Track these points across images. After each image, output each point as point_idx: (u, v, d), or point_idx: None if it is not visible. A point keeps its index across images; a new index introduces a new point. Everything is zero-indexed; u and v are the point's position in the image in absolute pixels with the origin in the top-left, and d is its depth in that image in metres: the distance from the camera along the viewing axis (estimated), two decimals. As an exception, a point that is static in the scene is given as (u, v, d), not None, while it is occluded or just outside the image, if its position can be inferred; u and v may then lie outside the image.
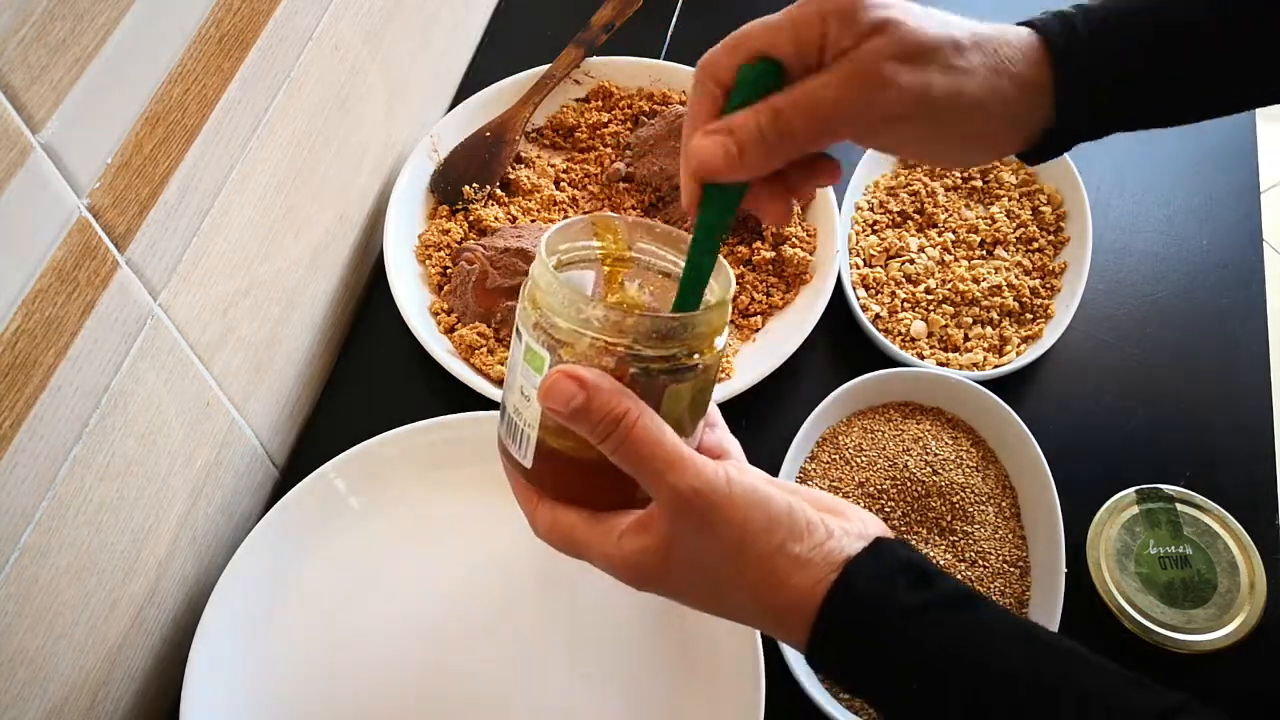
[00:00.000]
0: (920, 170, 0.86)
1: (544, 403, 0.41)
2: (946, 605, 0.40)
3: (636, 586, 0.43)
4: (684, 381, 0.42)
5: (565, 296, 0.41)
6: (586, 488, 0.45)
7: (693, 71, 0.45)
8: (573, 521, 0.44)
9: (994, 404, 0.71)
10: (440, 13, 0.87)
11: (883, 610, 0.40)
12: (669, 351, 0.41)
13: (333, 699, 0.64)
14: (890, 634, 0.40)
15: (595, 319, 0.41)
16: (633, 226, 0.47)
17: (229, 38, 0.57)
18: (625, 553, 0.42)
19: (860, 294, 0.80)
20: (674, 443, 0.41)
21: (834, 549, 0.41)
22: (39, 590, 0.51)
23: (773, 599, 0.41)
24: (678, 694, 0.64)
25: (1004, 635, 0.40)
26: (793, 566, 0.40)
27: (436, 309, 0.78)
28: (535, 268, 0.43)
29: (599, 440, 0.40)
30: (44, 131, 0.45)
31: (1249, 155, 0.90)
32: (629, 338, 0.41)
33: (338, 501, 0.69)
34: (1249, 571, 0.66)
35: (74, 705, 0.56)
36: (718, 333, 0.43)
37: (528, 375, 0.43)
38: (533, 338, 0.43)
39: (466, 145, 0.85)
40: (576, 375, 0.40)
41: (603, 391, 0.40)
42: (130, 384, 0.55)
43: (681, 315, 0.42)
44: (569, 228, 0.46)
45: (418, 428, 0.70)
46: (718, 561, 0.41)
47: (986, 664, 0.39)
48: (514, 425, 0.45)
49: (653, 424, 0.40)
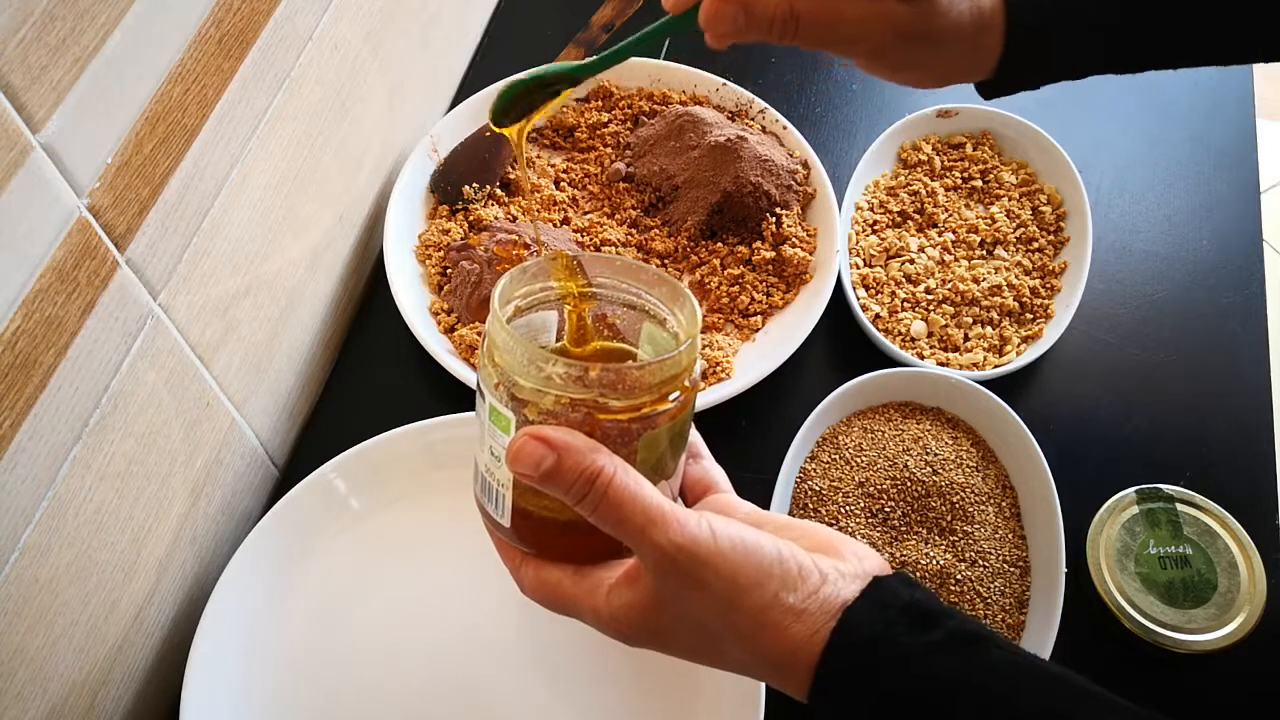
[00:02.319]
0: (920, 170, 0.86)
1: (513, 468, 0.39)
2: (950, 647, 0.39)
3: (627, 643, 0.42)
4: (659, 427, 0.41)
5: (523, 354, 0.39)
6: (569, 543, 0.43)
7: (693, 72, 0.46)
8: (558, 579, 0.43)
9: (994, 404, 0.71)
10: (440, 13, 0.87)
11: (883, 657, 0.38)
12: (638, 400, 0.40)
13: (332, 699, 0.64)
14: (892, 682, 0.38)
15: (557, 376, 0.39)
16: (590, 262, 0.45)
17: (229, 38, 0.57)
18: (613, 608, 0.41)
19: (860, 294, 0.80)
20: (653, 498, 0.39)
21: (830, 595, 0.39)
22: (39, 590, 0.51)
23: (770, 651, 0.40)
24: (678, 694, 0.64)
25: (1011, 676, 0.39)
26: (788, 618, 0.39)
27: (436, 309, 0.78)
28: (490, 325, 0.41)
29: (575, 502, 0.39)
30: (44, 131, 0.45)
31: (1249, 155, 0.90)
32: (594, 391, 0.39)
33: (338, 501, 0.69)
34: (1249, 571, 0.66)
35: (74, 704, 0.56)
36: (689, 372, 0.41)
37: (495, 435, 0.41)
38: (495, 398, 0.41)
39: (466, 145, 0.85)
40: (544, 437, 0.38)
41: (573, 451, 0.38)
42: (130, 384, 0.55)
43: (647, 363, 0.40)
44: (524, 272, 0.44)
45: (418, 428, 0.70)
46: (709, 616, 0.40)
47: (990, 707, 0.38)
48: (488, 485, 0.43)
49: (629, 480, 0.39)
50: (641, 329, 0.46)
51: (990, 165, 0.86)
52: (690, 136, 0.82)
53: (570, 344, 0.46)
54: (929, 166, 0.86)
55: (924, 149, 0.86)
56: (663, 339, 0.45)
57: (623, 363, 0.40)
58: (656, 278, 0.45)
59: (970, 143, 0.87)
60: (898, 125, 0.86)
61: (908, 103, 0.91)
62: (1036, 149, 0.85)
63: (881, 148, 0.86)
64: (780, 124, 0.86)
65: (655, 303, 0.45)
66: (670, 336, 0.44)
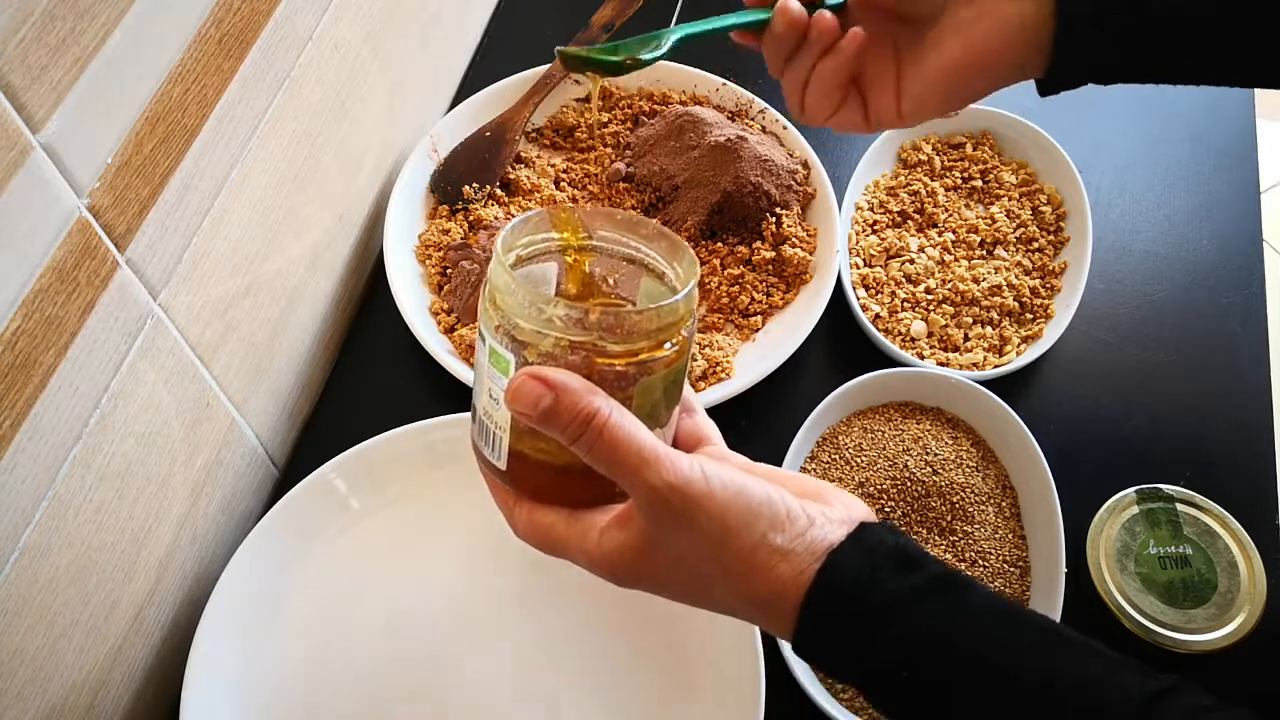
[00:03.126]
0: (920, 170, 0.86)
1: (511, 407, 0.40)
2: (932, 591, 0.40)
3: (616, 583, 0.43)
4: (654, 373, 0.41)
5: (524, 297, 0.40)
6: (563, 486, 0.44)
7: (693, 72, 0.46)
8: (551, 521, 0.44)
9: (994, 404, 0.71)
10: (440, 13, 0.87)
11: (866, 598, 0.39)
12: (636, 345, 0.41)
13: (332, 698, 0.64)
14: (874, 622, 0.39)
15: (557, 318, 0.40)
16: (591, 216, 0.46)
17: (229, 38, 0.57)
18: (605, 550, 0.42)
19: (860, 294, 0.80)
20: (648, 439, 0.40)
21: (816, 537, 0.40)
22: (39, 590, 0.51)
23: (756, 591, 0.40)
24: (678, 694, 0.64)
25: (992, 620, 0.40)
26: (775, 557, 0.40)
27: (436, 309, 0.78)
28: (492, 268, 0.42)
29: (570, 441, 0.40)
30: (44, 131, 0.45)
31: (1249, 155, 0.90)
32: (593, 334, 0.40)
33: (338, 501, 0.69)
34: (1249, 571, 0.66)
35: (74, 704, 0.56)
36: (685, 321, 0.42)
37: (494, 378, 0.42)
38: (496, 340, 0.42)
39: (466, 145, 0.85)
40: (542, 377, 0.39)
41: (571, 391, 0.39)
42: (130, 384, 0.55)
43: (646, 309, 0.41)
44: (526, 222, 0.45)
45: (418, 428, 0.70)
46: (699, 556, 0.41)
47: (974, 650, 0.39)
48: (485, 428, 0.44)
49: (625, 421, 0.40)
50: (640, 284, 0.46)
51: (990, 165, 0.86)
52: (690, 136, 0.82)
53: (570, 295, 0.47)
54: (929, 166, 0.86)
55: (924, 149, 0.86)
56: (660, 294, 0.45)
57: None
58: (656, 232, 0.45)
59: (970, 143, 0.87)
60: (898, 125, 0.86)
61: (908, 103, 0.91)
62: (1036, 149, 0.85)
63: (881, 148, 0.86)
64: (780, 124, 0.86)
65: (654, 257, 0.46)
66: (668, 291, 0.45)
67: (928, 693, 0.39)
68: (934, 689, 0.39)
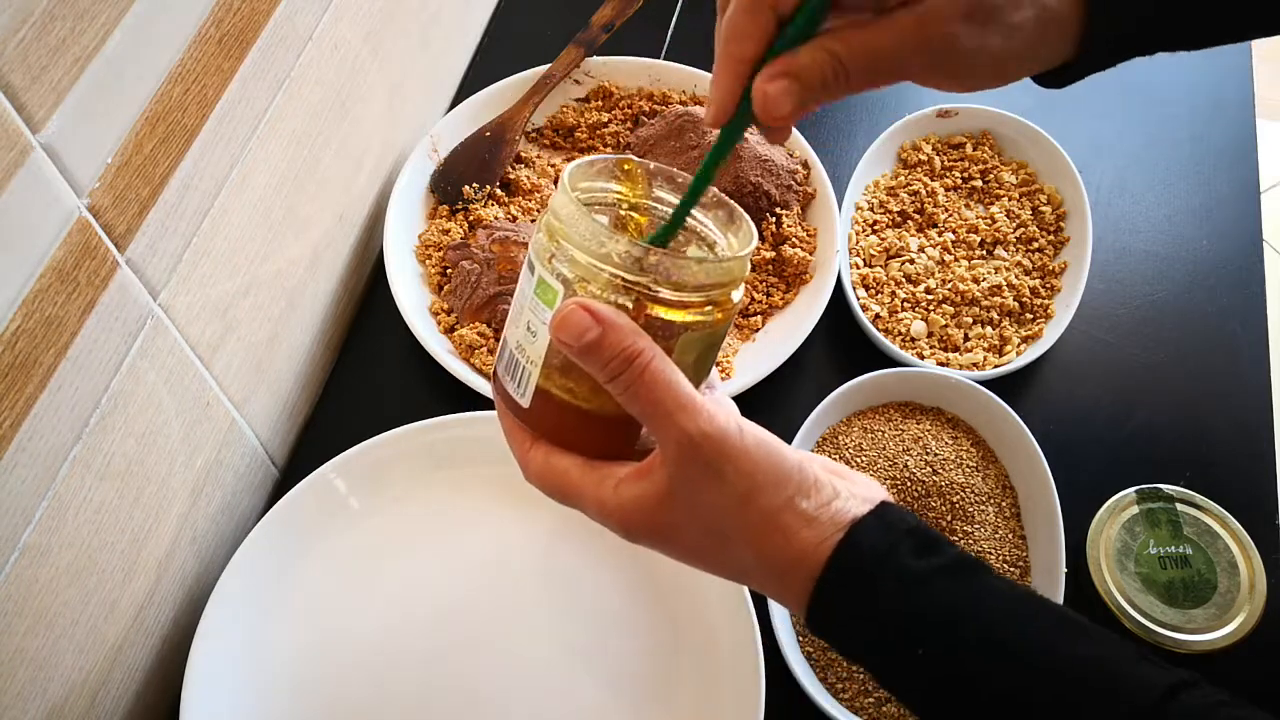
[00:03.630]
0: (920, 170, 0.86)
1: (556, 335, 0.39)
2: (951, 571, 0.39)
3: (627, 537, 0.42)
4: (698, 331, 0.41)
5: (587, 228, 0.40)
6: (584, 432, 0.43)
7: (693, 72, 0.45)
8: (566, 466, 0.43)
9: (994, 404, 0.71)
10: (440, 13, 0.87)
11: (886, 573, 0.39)
12: (687, 297, 0.40)
13: (332, 698, 0.64)
14: (895, 597, 0.39)
15: (616, 254, 0.39)
16: (655, 172, 0.45)
17: (229, 38, 0.57)
18: (621, 500, 0.41)
19: (860, 294, 0.80)
20: (686, 386, 0.40)
21: (840, 509, 0.40)
22: (39, 590, 0.51)
23: (776, 554, 0.40)
24: (678, 694, 0.64)
25: (1010, 604, 0.39)
26: (799, 522, 0.40)
27: (436, 309, 0.78)
28: (556, 198, 0.41)
29: (608, 379, 0.39)
30: (44, 131, 0.45)
31: (1249, 155, 0.90)
32: (649, 277, 0.40)
33: (338, 501, 0.69)
34: (1249, 571, 0.66)
35: (74, 705, 0.56)
36: (736, 285, 0.42)
37: (537, 309, 0.41)
38: (546, 270, 0.41)
39: (466, 145, 0.85)
40: (592, 309, 0.39)
41: (618, 328, 0.39)
42: (130, 384, 0.55)
43: (705, 259, 0.40)
44: (592, 165, 0.44)
45: (418, 428, 0.70)
46: (722, 511, 0.40)
47: (991, 632, 0.39)
48: (515, 361, 0.43)
49: (666, 367, 0.39)
50: (688, 252, 0.45)
51: (990, 165, 0.86)
52: (690, 136, 0.82)
53: None
54: (929, 166, 0.86)
55: (924, 149, 0.86)
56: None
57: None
58: (716, 200, 0.45)
59: (970, 143, 0.87)
60: (898, 125, 0.86)
61: (908, 103, 0.91)
62: (1036, 149, 0.85)
63: (881, 148, 0.86)
64: (780, 124, 0.86)
65: (709, 225, 0.45)
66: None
67: (939, 671, 0.39)
68: (946, 667, 0.39)
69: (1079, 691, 0.37)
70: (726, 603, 0.65)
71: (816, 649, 0.66)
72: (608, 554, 0.69)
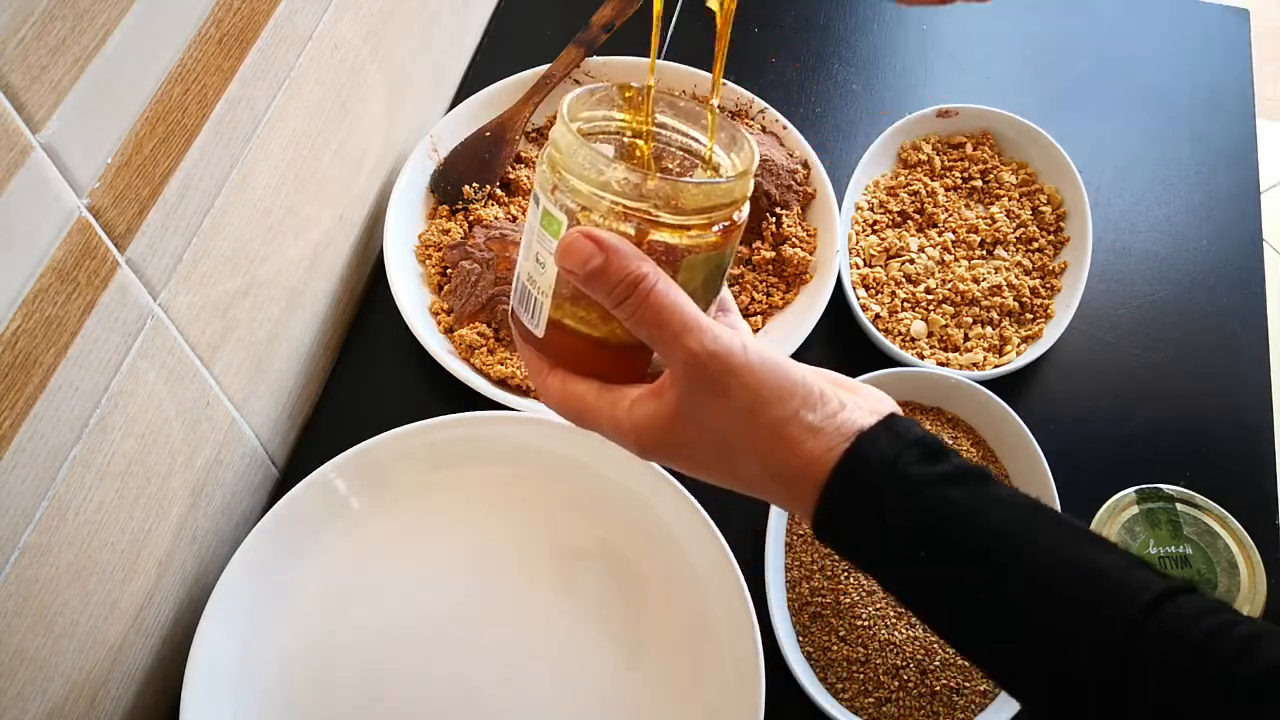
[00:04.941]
0: (920, 170, 0.86)
1: (561, 263, 0.40)
2: (958, 478, 0.40)
3: (641, 454, 0.43)
4: (701, 253, 0.42)
5: (585, 158, 0.40)
6: (597, 359, 0.44)
7: (692, 72, 0.45)
8: (582, 391, 0.44)
9: (994, 404, 0.71)
10: (440, 13, 0.87)
11: (893, 479, 0.39)
12: (689, 220, 0.41)
13: (332, 698, 0.64)
14: (900, 502, 0.39)
15: (615, 181, 0.40)
16: (656, 99, 0.46)
17: (229, 37, 0.57)
18: (635, 419, 0.42)
19: (860, 294, 0.80)
20: (690, 307, 0.40)
21: (846, 420, 0.41)
22: (39, 590, 0.51)
23: (782, 464, 0.41)
24: (678, 694, 0.64)
25: (1016, 508, 0.40)
26: (805, 433, 0.40)
27: (436, 309, 0.78)
28: (556, 130, 0.42)
29: (615, 304, 0.40)
30: (44, 131, 0.45)
31: (1249, 155, 0.90)
32: (649, 203, 0.40)
33: (338, 501, 0.69)
34: (1249, 571, 0.66)
35: (74, 704, 0.56)
36: (738, 205, 0.42)
37: (544, 240, 0.42)
38: (550, 201, 0.42)
39: (466, 145, 0.85)
40: (595, 236, 0.40)
41: (620, 254, 0.40)
42: (130, 384, 0.55)
43: (703, 182, 0.41)
44: (592, 94, 0.44)
45: (418, 428, 0.70)
46: (729, 425, 0.41)
47: (997, 534, 0.39)
48: (527, 293, 0.44)
49: (669, 289, 0.40)
50: (693, 176, 0.46)
51: (990, 165, 0.86)
52: (690, 136, 0.82)
53: None
54: (929, 166, 0.86)
55: (924, 149, 0.86)
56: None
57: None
58: (717, 122, 0.45)
59: (970, 143, 0.87)
60: (898, 125, 0.86)
61: (908, 103, 0.91)
62: (1036, 149, 0.85)
63: (881, 148, 0.86)
64: (780, 124, 0.86)
65: (713, 148, 0.46)
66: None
67: (941, 575, 0.39)
68: (950, 569, 0.39)
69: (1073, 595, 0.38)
70: (727, 603, 0.65)
71: (816, 649, 0.66)
72: (607, 553, 0.69)
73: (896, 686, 0.64)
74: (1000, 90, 0.94)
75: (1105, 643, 0.37)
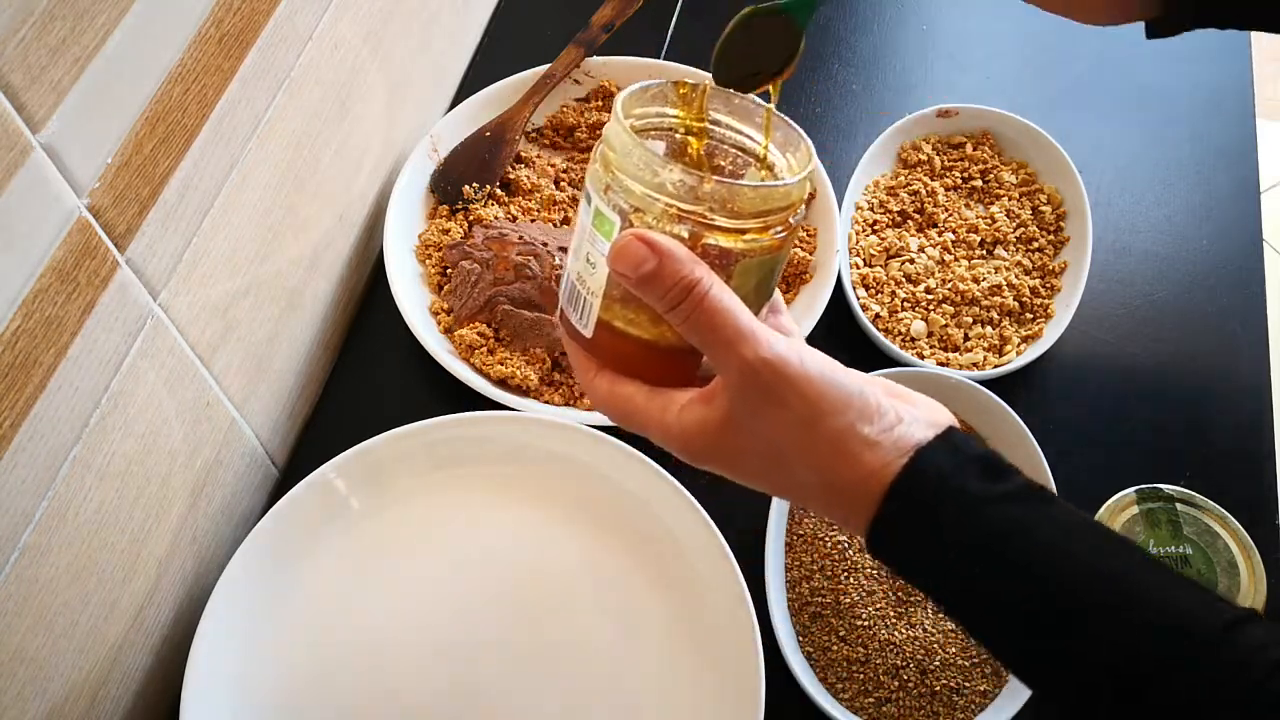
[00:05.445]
0: (920, 170, 0.86)
1: (614, 266, 0.40)
2: (1018, 497, 0.39)
3: (690, 460, 0.43)
4: (756, 257, 0.41)
5: (640, 158, 0.40)
6: (646, 361, 0.43)
7: (692, 72, 0.45)
8: (630, 393, 0.43)
9: (994, 404, 0.71)
10: (440, 13, 0.87)
11: (952, 495, 0.39)
12: (744, 224, 0.40)
13: (332, 699, 0.64)
14: (959, 519, 0.39)
15: (670, 183, 0.39)
16: (711, 95, 0.45)
17: (229, 37, 0.57)
18: (684, 424, 0.42)
19: (860, 294, 0.80)
20: (746, 315, 0.40)
21: (904, 434, 0.40)
22: (39, 590, 0.51)
23: (839, 476, 0.40)
24: (678, 694, 0.64)
25: (1076, 530, 0.39)
26: (862, 446, 0.40)
27: (436, 309, 0.78)
28: (610, 127, 0.41)
29: (667, 309, 0.40)
30: (44, 131, 0.45)
31: (1249, 155, 0.90)
32: (704, 205, 0.39)
33: (338, 501, 0.69)
34: (1249, 571, 0.66)
35: (74, 704, 0.56)
36: (795, 209, 0.41)
37: (595, 241, 0.41)
38: (603, 201, 0.41)
39: (466, 145, 0.85)
40: (649, 240, 0.39)
41: (675, 258, 0.39)
42: (130, 384, 0.55)
43: (760, 185, 0.40)
44: (645, 90, 0.44)
45: (418, 428, 0.70)
46: (784, 435, 0.40)
47: (1057, 555, 0.38)
48: (576, 293, 0.43)
49: (724, 295, 0.39)
50: (746, 175, 0.45)
51: (990, 165, 0.86)
52: (690, 136, 0.82)
53: None
54: (929, 166, 0.86)
55: (924, 149, 0.86)
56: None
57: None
58: (773, 120, 0.45)
59: (970, 143, 0.87)
60: (898, 125, 0.86)
61: (908, 103, 0.91)
62: (1036, 149, 0.85)
63: (881, 148, 0.86)
64: (780, 124, 0.86)
65: (768, 146, 0.45)
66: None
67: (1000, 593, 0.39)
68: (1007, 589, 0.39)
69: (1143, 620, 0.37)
70: (727, 603, 0.65)
71: (816, 649, 0.66)
72: (608, 554, 0.69)
73: (896, 686, 0.64)
74: (1000, 90, 0.94)
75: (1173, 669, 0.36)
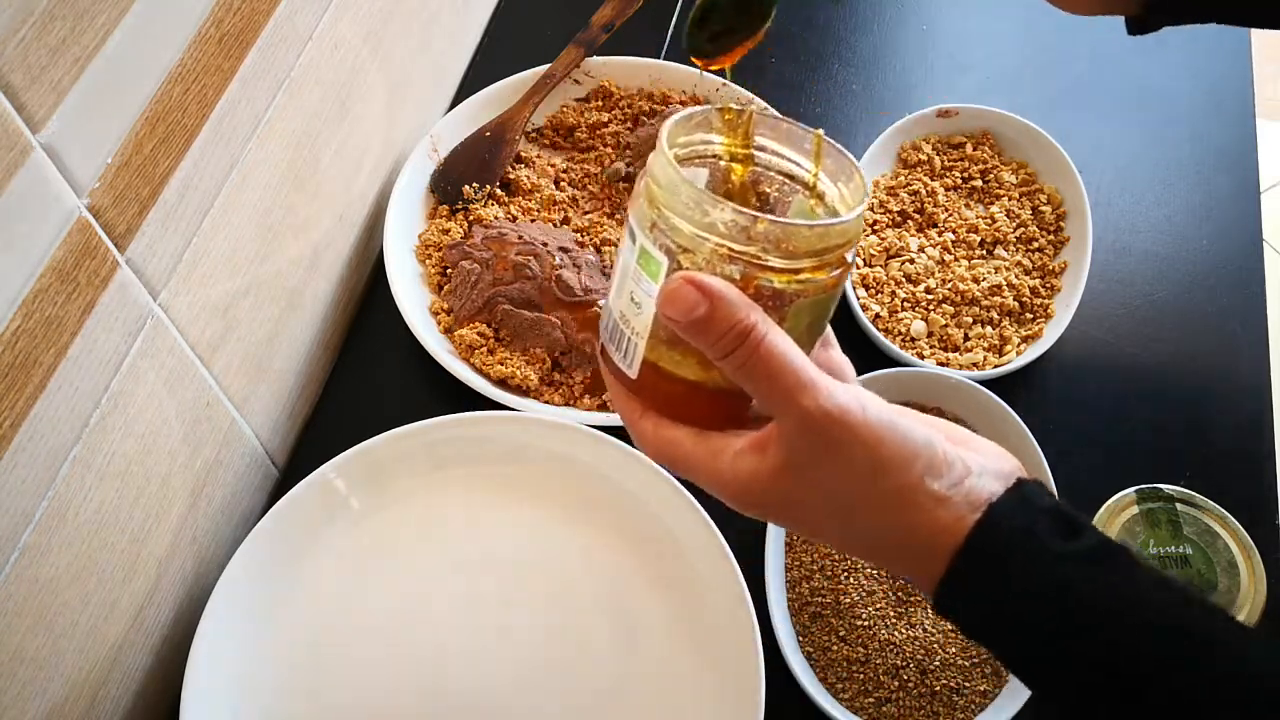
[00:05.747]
0: (920, 170, 0.86)
1: (664, 311, 0.38)
2: (1094, 556, 0.38)
3: (742, 509, 0.41)
4: (811, 296, 0.39)
5: (689, 196, 0.38)
6: (694, 403, 0.42)
7: (692, 71, 0.45)
8: (679, 438, 0.41)
9: (994, 404, 0.71)
10: (440, 13, 0.87)
11: (1028, 554, 0.38)
12: (799, 264, 0.38)
13: (332, 699, 0.64)
14: (1032, 581, 0.38)
15: (721, 223, 0.37)
16: (757, 122, 0.43)
17: (229, 37, 0.57)
18: (738, 473, 0.40)
19: (860, 294, 0.80)
20: (805, 362, 0.38)
21: (974, 487, 0.39)
22: (39, 590, 0.51)
23: (907, 533, 0.39)
24: (678, 694, 0.64)
25: (1154, 590, 0.38)
26: (931, 502, 0.38)
27: (436, 309, 0.78)
28: (655, 161, 0.39)
29: (720, 356, 0.38)
30: (44, 131, 0.45)
31: (1249, 155, 0.90)
32: (757, 246, 0.37)
33: (338, 501, 0.69)
34: (1249, 571, 0.66)
35: (74, 704, 0.56)
36: (850, 246, 0.40)
37: (640, 280, 0.39)
38: (648, 239, 0.39)
39: (466, 145, 0.85)
40: (700, 283, 0.37)
41: (728, 303, 0.37)
42: (130, 384, 0.55)
43: (815, 225, 0.38)
44: (690, 119, 0.42)
45: (418, 428, 0.70)
46: (845, 488, 0.39)
47: (1133, 617, 0.37)
48: (619, 333, 0.42)
49: (780, 341, 0.38)
50: (793, 202, 0.44)
51: (990, 165, 0.86)
52: (690, 136, 0.82)
53: None
54: (929, 166, 0.86)
55: (924, 149, 0.86)
56: (815, 215, 0.43)
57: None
58: (823, 148, 0.43)
59: (970, 143, 0.87)
60: (898, 125, 0.86)
61: (908, 103, 0.91)
62: (1036, 149, 0.85)
63: (881, 148, 0.86)
64: (780, 124, 0.86)
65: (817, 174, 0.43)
66: (827, 212, 0.42)
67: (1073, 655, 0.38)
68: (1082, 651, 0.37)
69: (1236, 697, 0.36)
70: (727, 602, 0.65)
71: (816, 649, 0.66)
72: (608, 554, 0.69)
73: (896, 686, 0.64)
74: (1000, 90, 0.94)
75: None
